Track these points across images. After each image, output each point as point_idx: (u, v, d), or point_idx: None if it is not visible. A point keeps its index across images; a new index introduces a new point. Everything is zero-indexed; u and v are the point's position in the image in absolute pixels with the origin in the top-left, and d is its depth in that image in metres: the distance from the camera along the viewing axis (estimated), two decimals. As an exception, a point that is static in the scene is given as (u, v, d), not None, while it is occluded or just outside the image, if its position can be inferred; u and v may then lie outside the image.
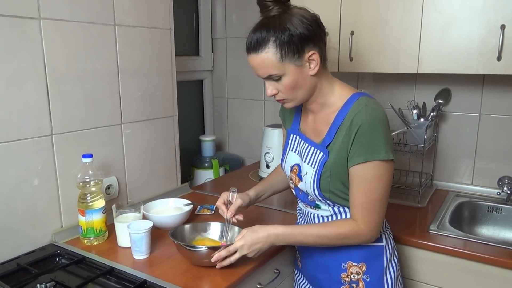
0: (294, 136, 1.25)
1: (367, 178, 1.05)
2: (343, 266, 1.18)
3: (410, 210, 1.66)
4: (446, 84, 1.83)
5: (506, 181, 1.71)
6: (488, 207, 1.71)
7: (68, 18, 1.33)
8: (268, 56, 1.02)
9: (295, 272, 1.42)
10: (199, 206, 1.65)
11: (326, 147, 1.11)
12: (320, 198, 1.15)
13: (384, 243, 1.19)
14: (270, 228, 1.12)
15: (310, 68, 1.06)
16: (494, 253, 1.29)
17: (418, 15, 1.51)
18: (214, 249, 1.16)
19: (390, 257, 1.21)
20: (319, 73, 1.08)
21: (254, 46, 1.03)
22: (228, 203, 1.29)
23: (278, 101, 1.13)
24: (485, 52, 1.41)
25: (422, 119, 1.77)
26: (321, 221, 1.20)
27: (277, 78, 1.06)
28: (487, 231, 1.71)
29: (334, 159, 1.09)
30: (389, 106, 1.81)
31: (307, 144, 1.18)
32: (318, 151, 1.13)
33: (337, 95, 1.13)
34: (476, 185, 1.84)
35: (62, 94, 1.34)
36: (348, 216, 1.15)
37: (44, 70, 1.28)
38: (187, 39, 2.32)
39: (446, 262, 1.37)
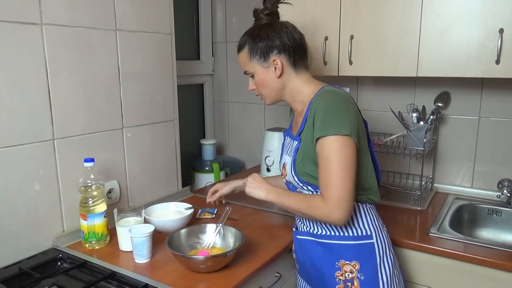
0: (286, 137, 1.37)
1: (323, 154, 1.14)
2: (337, 265, 1.21)
3: (410, 213, 1.67)
4: (446, 88, 1.84)
5: (506, 183, 1.71)
6: (488, 210, 1.71)
7: (70, 24, 1.34)
8: (243, 56, 1.29)
9: (297, 275, 1.42)
10: (200, 210, 1.65)
11: (299, 135, 1.24)
12: (301, 184, 1.24)
13: (374, 240, 1.21)
14: (269, 184, 1.30)
15: (275, 71, 1.25)
16: (494, 256, 1.30)
17: (417, 19, 1.52)
18: (210, 256, 1.18)
19: (383, 253, 1.22)
20: (286, 75, 1.26)
21: (238, 47, 1.31)
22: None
23: (259, 96, 1.34)
24: (484, 56, 1.42)
25: (421, 122, 1.78)
26: None
27: (251, 75, 1.30)
28: (487, 234, 1.71)
29: (304, 143, 1.21)
30: (389, 109, 1.81)
31: (289, 139, 1.33)
32: (294, 141, 1.28)
33: (311, 91, 1.26)
34: (476, 188, 1.85)
35: (64, 98, 1.35)
36: None
37: (46, 75, 1.29)
38: (187, 43, 2.33)
39: (446, 265, 1.38)
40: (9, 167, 1.22)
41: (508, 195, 1.69)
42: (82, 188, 1.33)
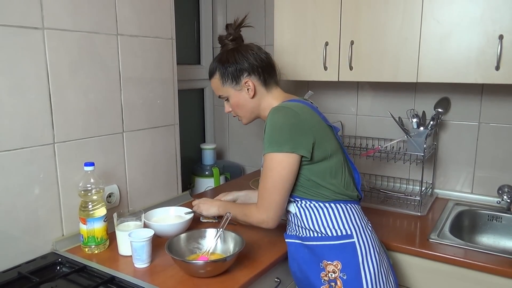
0: None
1: (264, 168, 1.25)
2: (321, 265, 1.23)
3: (410, 219, 1.67)
4: (446, 93, 1.84)
5: (506, 189, 1.71)
6: (488, 216, 1.71)
7: (71, 28, 1.34)
8: (215, 81, 1.37)
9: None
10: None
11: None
12: None
13: (354, 239, 1.23)
14: (217, 201, 1.50)
15: (248, 92, 1.32)
16: (494, 262, 1.30)
17: (417, 25, 1.52)
18: (210, 261, 1.18)
19: (366, 252, 1.23)
20: (259, 95, 1.34)
21: (209, 74, 1.39)
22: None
23: (236, 117, 1.41)
24: (484, 62, 1.43)
25: (421, 128, 1.78)
26: (293, 220, 1.32)
27: (226, 99, 1.37)
28: (487, 239, 1.71)
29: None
30: (389, 115, 1.82)
31: None
32: None
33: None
34: (476, 193, 1.85)
35: (65, 102, 1.35)
36: (310, 212, 1.26)
37: (47, 79, 1.29)
38: (188, 48, 2.33)
39: (446, 271, 1.37)
40: (9, 170, 1.22)
41: (508, 201, 1.69)
42: (82, 192, 1.33)
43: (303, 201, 1.26)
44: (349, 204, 1.27)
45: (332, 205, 1.25)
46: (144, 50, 1.61)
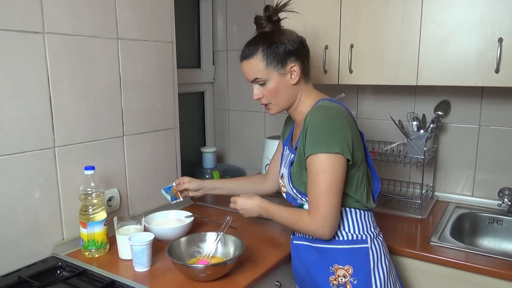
0: (285, 147, 1.38)
1: (312, 171, 1.15)
2: (331, 269, 1.22)
3: (411, 222, 1.66)
4: (446, 96, 1.84)
5: (507, 192, 1.71)
6: (489, 219, 1.71)
7: (72, 32, 1.35)
8: (256, 62, 1.22)
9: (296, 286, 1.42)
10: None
11: (296, 148, 1.25)
12: (298, 194, 1.25)
13: (368, 245, 1.22)
14: (259, 201, 1.31)
15: (291, 78, 1.23)
16: (495, 265, 1.29)
17: (417, 28, 1.53)
18: (210, 265, 1.18)
19: (378, 259, 1.22)
20: (299, 83, 1.25)
21: (246, 54, 1.24)
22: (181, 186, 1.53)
23: (264, 105, 1.30)
24: (483, 65, 1.43)
25: (422, 131, 1.78)
26: None
27: (263, 83, 1.24)
28: (488, 242, 1.71)
29: (298, 157, 1.23)
30: (389, 118, 1.82)
31: (288, 151, 1.34)
32: (291, 154, 1.30)
33: (310, 102, 1.27)
34: (476, 196, 1.84)
35: (65, 106, 1.35)
36: None
37: (48, 83, 1.30)
38: (188, 52, 2.34)
39: (447, 274, 1.37)
40: (9, 174, 1.23)
41: (509, 203, 1.69)
42: (82, 196, 1.33)
43: None
44: (365, 211, 1.25)
45: (352, 210, 1.23)
46: (145, 54, 1.61)
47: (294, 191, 1.26)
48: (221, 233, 1.31)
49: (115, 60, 1.50)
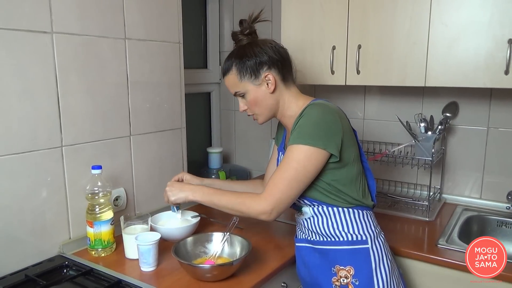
0: (280, 153, 1.40)
1: (288, 157, 1.17)
2: (333, 270, 1.22)
3: (419, 224, 1.65)
4: (454, 98, 1.83)
5: (516, 195, 1.70)
6: (498, 222, 1.69)
7: (80, 32, 1.35)
8: (232, 77, 1.27)
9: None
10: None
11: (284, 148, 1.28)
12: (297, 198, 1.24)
13: (369, 245, 1.22)
14: (191, 185, 1.34)
15: (268, 86, 1.25)
16: (504, 269, 1.27)
17: (425, 29, 1.52)
18: (216, 265, 1.18)
19: (379, 259, 1.22)
20: (278, 90, 1.27)
21: (223, 71, 1.30)
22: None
23: (251, 116, 1.34)
24: (493, 66, 1.42)
25: (429, 132, 1.76)
26: (306, 224, 1.28)
27: (242, 95, 1.29)
28: (496, 245, 1.69)
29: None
30: (396, 119, 1.81)
31: (282, 156, 1.31)
32: (282, 154, 1.31)
33: (300, 106, 1.26)
34: (484, 199, 1.83)
35: (73, 106, 1.36)
36: (327, 217, 1.23)
37: (56, 83, 1.30)
38: (195, 52, 2.34)
39: (455, 277, 1.36)
40: (17, 173, 1.23)
41: (518, 206, 1.67)
42: (89, 195, 1.33)
43: (321, 206, 1.24)
44: (364, 211, 1.25)
45: (350, 210, 1.23)
46: (152, 54, 1.62)
47: None
48: (228, 233, 1.31)
49: (123, 60, 1.51)
